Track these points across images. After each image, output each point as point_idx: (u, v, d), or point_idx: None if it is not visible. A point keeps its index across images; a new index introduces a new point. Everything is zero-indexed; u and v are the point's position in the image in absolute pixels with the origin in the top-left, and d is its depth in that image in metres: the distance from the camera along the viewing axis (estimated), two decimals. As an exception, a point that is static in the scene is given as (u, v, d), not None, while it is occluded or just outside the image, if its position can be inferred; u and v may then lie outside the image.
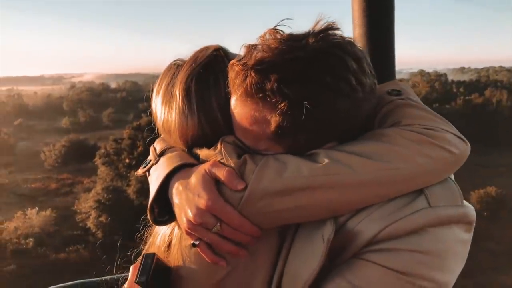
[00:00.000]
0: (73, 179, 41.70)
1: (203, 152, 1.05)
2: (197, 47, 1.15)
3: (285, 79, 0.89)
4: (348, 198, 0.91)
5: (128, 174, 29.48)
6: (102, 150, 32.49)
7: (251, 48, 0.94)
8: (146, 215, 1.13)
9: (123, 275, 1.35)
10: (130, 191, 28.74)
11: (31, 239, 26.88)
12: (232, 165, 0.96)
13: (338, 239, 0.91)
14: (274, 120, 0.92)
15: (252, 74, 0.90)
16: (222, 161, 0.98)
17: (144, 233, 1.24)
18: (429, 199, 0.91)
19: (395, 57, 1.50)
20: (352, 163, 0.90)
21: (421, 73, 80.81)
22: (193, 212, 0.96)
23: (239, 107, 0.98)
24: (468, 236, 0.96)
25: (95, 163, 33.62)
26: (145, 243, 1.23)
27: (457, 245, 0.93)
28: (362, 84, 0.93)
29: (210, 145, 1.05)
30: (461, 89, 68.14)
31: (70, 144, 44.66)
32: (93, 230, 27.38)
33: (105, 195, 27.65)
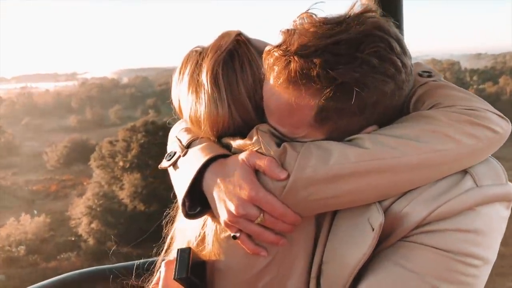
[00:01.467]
0: (75, 180, 41.31)
1: (236, 142, 1.04)
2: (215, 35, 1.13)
3: (331, 63, 0.88)
4: (396, 182, 0.90)
5: (121, 178, 28.77)
6: (97, 153, 31.71)
7: (290, 33, 0.93)
8: (168, 211, 1.17)
9: (135, 262, 1.39)
10: (124, 195, 28.05)
11: (22, 247, 26.45)
12: (272, 154, 0.95)
13: (384, 223, 0.90)
14: (317, 105, 0.92)
15: (296, 59, 0.89)
16: (259, 151, 0.97)
17: (167, 229, 1.22)
18: (475, 179, 0.92)
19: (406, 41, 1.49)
20: (399, 146, 0.90)
21: (433, 61, 78.40)
22: (235, 203, 0.95)
23: (277, 94, 0.96)
24: (508, 213, 0.96)
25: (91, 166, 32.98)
26: (171, 238, 1.21)
27: (501, 222, 0.94)
28: (405, 65, 0.95)
29: (240, 134, 1.05)
30: (475, 78, 65.81)
31: (72, 145, 44.33)
32: (85, 237, 26.79)
33: (96, 201, 26.99)
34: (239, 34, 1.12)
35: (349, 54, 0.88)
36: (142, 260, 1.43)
